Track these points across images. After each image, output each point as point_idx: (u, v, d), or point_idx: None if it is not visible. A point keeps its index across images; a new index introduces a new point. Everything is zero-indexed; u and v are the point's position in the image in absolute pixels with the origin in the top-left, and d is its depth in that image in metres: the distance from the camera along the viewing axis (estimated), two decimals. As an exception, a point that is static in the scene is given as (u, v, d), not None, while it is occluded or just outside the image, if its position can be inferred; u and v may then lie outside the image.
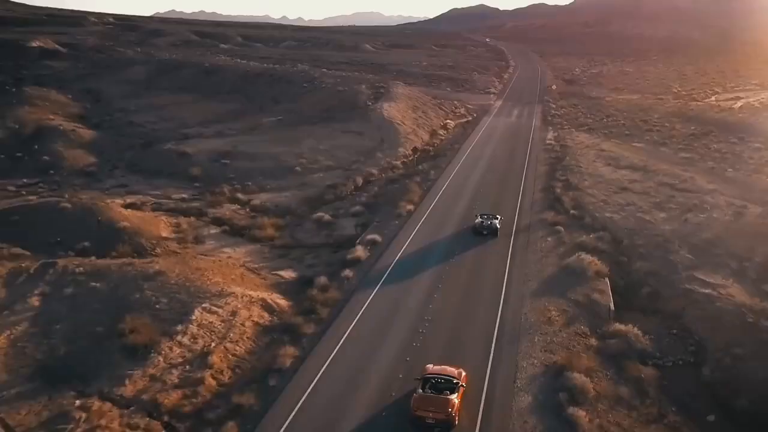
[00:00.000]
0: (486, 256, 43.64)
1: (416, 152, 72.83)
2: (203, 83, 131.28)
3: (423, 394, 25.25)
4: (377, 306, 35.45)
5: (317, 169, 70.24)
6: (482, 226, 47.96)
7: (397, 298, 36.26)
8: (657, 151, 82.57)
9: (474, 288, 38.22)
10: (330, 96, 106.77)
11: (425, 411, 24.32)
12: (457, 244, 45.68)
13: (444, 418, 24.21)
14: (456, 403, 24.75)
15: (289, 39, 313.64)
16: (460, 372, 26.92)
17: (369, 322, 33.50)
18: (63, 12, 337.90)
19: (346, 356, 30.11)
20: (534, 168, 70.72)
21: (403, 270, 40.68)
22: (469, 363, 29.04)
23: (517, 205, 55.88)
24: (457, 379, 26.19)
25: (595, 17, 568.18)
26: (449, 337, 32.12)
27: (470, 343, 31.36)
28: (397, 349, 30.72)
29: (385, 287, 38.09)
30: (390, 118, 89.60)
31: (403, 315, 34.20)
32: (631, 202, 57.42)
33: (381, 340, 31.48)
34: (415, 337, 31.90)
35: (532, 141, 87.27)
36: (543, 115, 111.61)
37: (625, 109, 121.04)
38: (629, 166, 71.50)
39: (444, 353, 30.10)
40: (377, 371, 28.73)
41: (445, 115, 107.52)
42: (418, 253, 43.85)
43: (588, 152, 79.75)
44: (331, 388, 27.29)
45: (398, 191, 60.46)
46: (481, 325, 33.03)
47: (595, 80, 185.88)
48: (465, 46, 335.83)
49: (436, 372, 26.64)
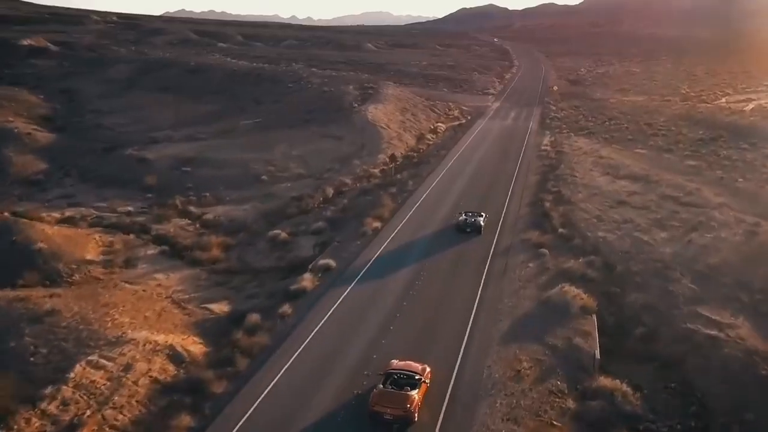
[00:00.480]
0: (454, 288, 37.37)
1: (394, 160, 66.53)
2: (187, 83, 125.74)
3: (383, 389, 24.63)
4: (310, 356, 29.21)
5: (286, 178, 64.16)
6: (465, 223, 46.45)
7: (336, 349, 29.98)
8: (661, 159, 75.91)
9: (431, 334, 31.82)
10: (315, 97, 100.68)
11: (383, 406, 23.76)
12: (425, 272, 39.36)
13: (402, 414, 23.61)
14: (416, 400, 24.16)
15: (290, 38, 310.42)
16: (424, 368, 26.27)
17: (295, 378, 27.22)
18: (69, 11, 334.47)
19: (257, 426, 23.87)
20: (524, 178, 64.26)
21: (351, 307, 34.53)
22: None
23: (499, 223, 49.44)
24: (420, 375, 25.52)
25: (604, 17, 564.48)
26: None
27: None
28: (321, 416, 24.46)
29: (326, 330, 31.87)
30: (374, 121, 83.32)
31: (337, 373, 27.86)
32: (628, 219, 50.92)
33: (304, 407, 25.21)
34: (349, 401, 25.66)
35: (526, 147, 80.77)
36: (541, 118, 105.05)
37: (629, 111, 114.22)
38: (629, 176, 64.94)
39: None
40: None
41: (436, 118, 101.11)
42: (374, 285, 37.58)
43: (585, 160, 73.20)
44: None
45: (369, 205, 54.31)
46: (431, 385, 26.65)
47: (601, 81, 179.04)
48: (469, 46, 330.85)
49: (399, 367, 26.07)
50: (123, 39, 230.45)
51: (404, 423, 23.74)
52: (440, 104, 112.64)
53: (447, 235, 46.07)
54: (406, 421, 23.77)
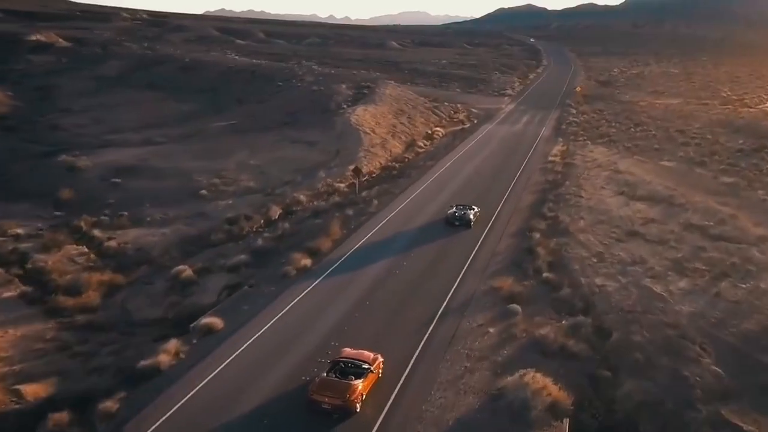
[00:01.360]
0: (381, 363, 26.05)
1: (359, 174, 55.17)
2: (177, 80, 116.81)
3: (324, 377, 23.27)
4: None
5: (230, 193, 53.64)
6: (454, 217, 44.78)
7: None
8: (691, 174, 63.54)
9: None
10: (301, 97, 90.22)
11: (321, 395, 22.27)
12: (346, 338, 28.29)
13: (340, 404, 22.05)
14: (358, 390, 22.60)
15: (312, 36, 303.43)
16: (375, 357, 24.87)
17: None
18: (102, 8, 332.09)
19: None
20: (518, 198, 52.78)
21: (210, 406, 23.48)
22: None
23: (466, 263, 37.96)
24: (368, 365, 24.04)
25: (645, 18, 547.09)
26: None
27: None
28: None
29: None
30: (357, 125, 72.34)
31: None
32: (638, 259, 39.11)
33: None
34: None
35: (531, 157, 69.02)
36: (557, 123, 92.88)
37: (660, 116, 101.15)
38: (648, 197, 52.85)
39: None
40: None
41: (437, 121, 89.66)
42: (265, 362, 26.55)
43: (598, 174, 61.17)
44: None
45: (313, 232, 43.41)
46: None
47: (634, 82, 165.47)
48: (500, 45, 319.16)
49: (349, 356, 24.73)
50: (142, 35, 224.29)
51: (344, 413, 22.20)
52: (446, 106, 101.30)
53: (401, 279, 34.99)
54: (345, 412, 22.24)
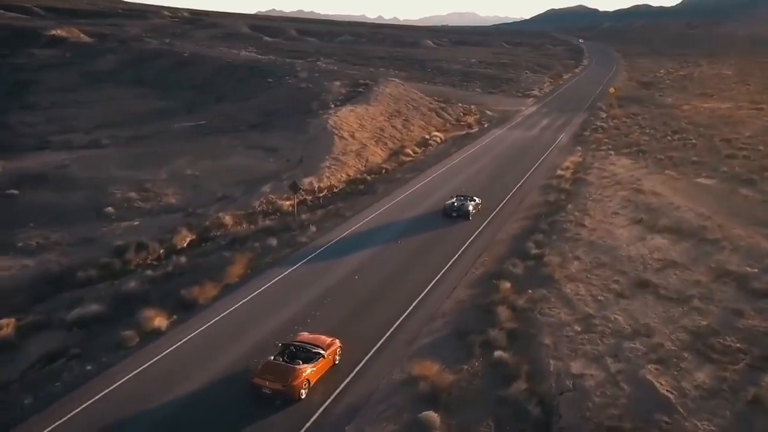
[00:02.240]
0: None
1: (295, 190, 43.89)
2: (170, 76, 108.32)
3: (269, 361, 21.79)
4: None
5: (144, 210, 43.34)
6: (452, 207, 42.68)
7: None
8: (733, 196, 50.45)
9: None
10: (286, 95, 79.77)
11: (263, 379, 20.90)
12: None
13: (281, 389, 20.67)
14: (304, 375, 21.14)
15: (346, 34, 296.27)
16: (331, 342, 23.38)
17: None
18: (148, 7, 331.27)
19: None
20: (499, 227, 40.67)
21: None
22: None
23: (390, 329, 26.40)
24: (322, 349, 22.60)
25: (701, 18, 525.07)
26: None
27: None
28: None
29: None
30: (335, 129, 61.25)
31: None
32: (642, 329, 27.24)
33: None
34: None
35: (535, 171, 57.07)
36: (580, 129, 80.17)
37: (704, 122, 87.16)
38: (674, 228, 40.36)
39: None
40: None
41: (440, 125, 77.95)
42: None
43: (614, 194, 48.66)
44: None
45: (213, 269, 32.29)
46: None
47: (680, 83, 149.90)
48: (542, 45, 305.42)
49: (304, 340, 23.33)
50: (171, 32, 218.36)
51: (286, 400, 20.60)
52: (457, 107, 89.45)
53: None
54: (287, 398, 20.64)
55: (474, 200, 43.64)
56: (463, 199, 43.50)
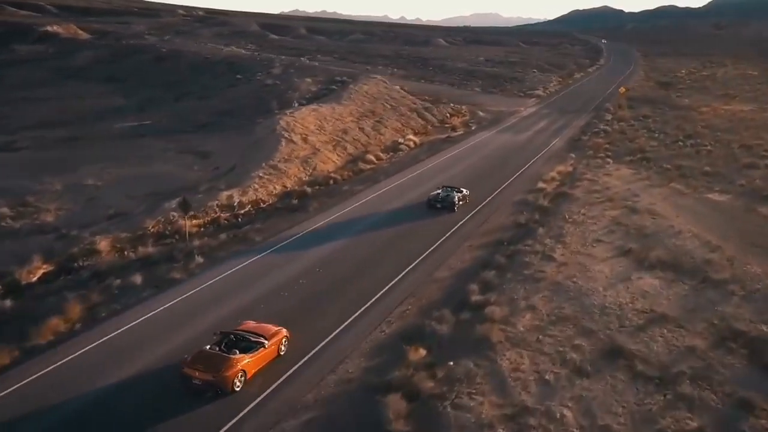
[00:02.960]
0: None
1: (185, 208, 35.17)
2: (144, 72, 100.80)
3: (203, 350, 20.18)
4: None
5: (11, 230, 35.20)
6: (437, 198, 39.80)
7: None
8: (751, 216, 41.08)
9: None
10: (249, 93, 71.79)
11: (193, 369, 19.21)
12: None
13: (211, 379, 18.99)
14: (237, 366, 19.51)
15: (356, 33, 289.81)
16: (276, 332, 21.82)
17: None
18: (159, 5, 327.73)
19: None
20: (445, 259, 31.68)
21: None
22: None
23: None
24: (263, 338, 21.07)
25: (729, 19, 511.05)
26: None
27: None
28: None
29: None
30: (285, 131, 52.76)
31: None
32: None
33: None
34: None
35: (513, 183, 48.37)
36: (580, 132, 70.72)
37: (722, 125, 77.19)
38: (670, 262, 31.43)
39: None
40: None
41: (419, 127, 69.08)
42: None
43: (601, 214, 39.42)
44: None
45: (30, 320, 23.83)
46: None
47: (701, 84, 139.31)
48: (560, 44, 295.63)
49: (248, 328, 21.85)
50: (175, 30, 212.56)
51: (218, 392, 18.98)
52: (445, 107, 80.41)
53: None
54: (219, 389, 18.99)
55: (461, 191, 40.86)
56: (449, 190, 40.61)
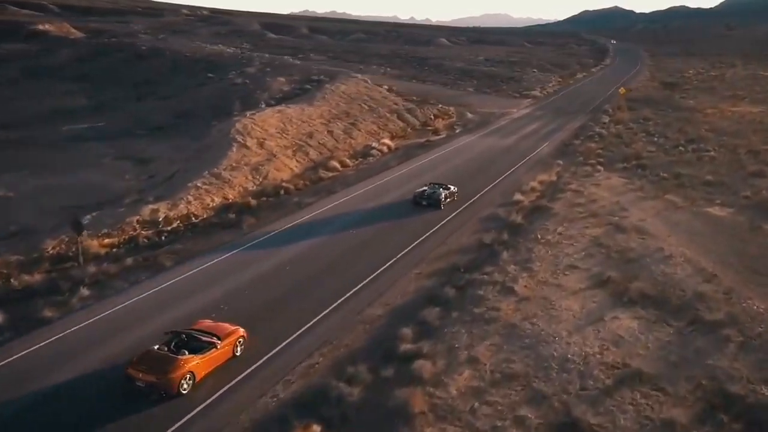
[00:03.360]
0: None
1: (78, 231, 29.97)
2: (119, 71, 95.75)
3: (149, 350, 19.11)
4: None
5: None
6: (422, 196, 38.51)
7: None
8: (756, 236, 35.75)
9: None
10: (215, 93, 66.82)
11: (137, 371, 18.18)
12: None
13: (155, 382, 17.88)
14: (185, 368, 18.34)
15: (358, 32, 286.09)
16: (232, 332, 20.52)
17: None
18: (171, 6, 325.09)
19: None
20: (384, 291, 26.28)
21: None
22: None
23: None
24: (218, 338, 19.80)
25: (740, 19, 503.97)
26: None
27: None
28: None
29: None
30: (239, 135, 47.71)
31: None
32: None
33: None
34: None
35: (488, 194, 42.80)
36: (572, 136, 65.20)
37: (728, 128, 71.49)
38: (654, 298, 26.28)
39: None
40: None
41: (398, 130, 64.08)
42: None
43: (581, 233, 34.18)
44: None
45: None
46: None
47: (708, 84, 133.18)
48: (566, 44, 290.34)
49: (203, 327, 20.66)
50: (173, 29, 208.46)
51: (162, 394, 17.86)
52: (430, 109, 74.97)
53: None
54: (164, 392, 17.88)
55: (449, 188, 39.53)
56: (436, 187, 39.24)
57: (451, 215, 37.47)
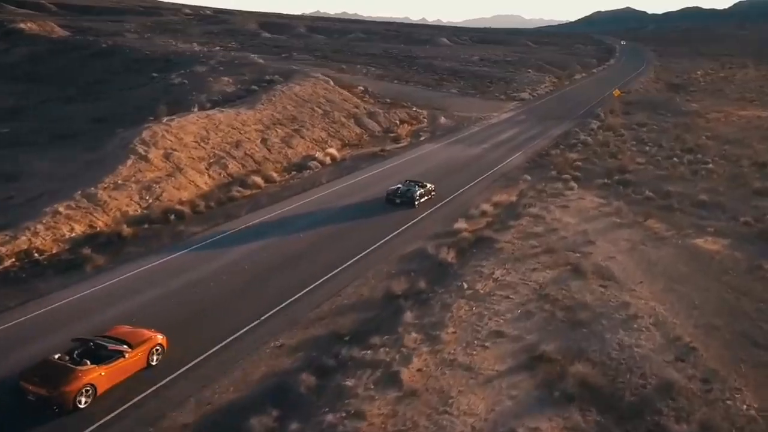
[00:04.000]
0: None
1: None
2: (73, 70, 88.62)
3: (48, 359, 17.40)
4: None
5: None
6: (396, 193, 36.47)
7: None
8: (754, 280, 27.11)
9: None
10: (148, 94, 58.60)
11: (28, 383, 16.57)
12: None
13: (46, 395, 16.25)
14: (85, 379, 16.67)
15: (357, 31, 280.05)
16: (148, 338, 18.77)
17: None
18: (173, 5, 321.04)
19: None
20: (211, 378, 18.38)
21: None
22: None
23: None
24: (128, 346, 18.09)
25: (754, 20, 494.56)
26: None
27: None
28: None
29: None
30: (142, 145, 39.91)
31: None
32: None
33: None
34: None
35: (425, 219, 34.06)
36: (552, 145, 57.03)
37: (732, 135, 63.20)
38: (600, 395, 17.43)
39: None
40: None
41: (353, 137, 56.63)
42: None
43: (524, 279, 26.25)
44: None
45: None
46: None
47: (716, 86, 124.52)
48: (572, 44, 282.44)
49: (112, 333, 19.02)
50: (164, 29, 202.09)
51: (55, 408, 16.12)
52: (396, 114, 66.86)
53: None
54: (56, 407, 16.16)
55: (425, 186, 37.72)
56: (411, 185, 37.37)
57: (366, 251, 29.43)
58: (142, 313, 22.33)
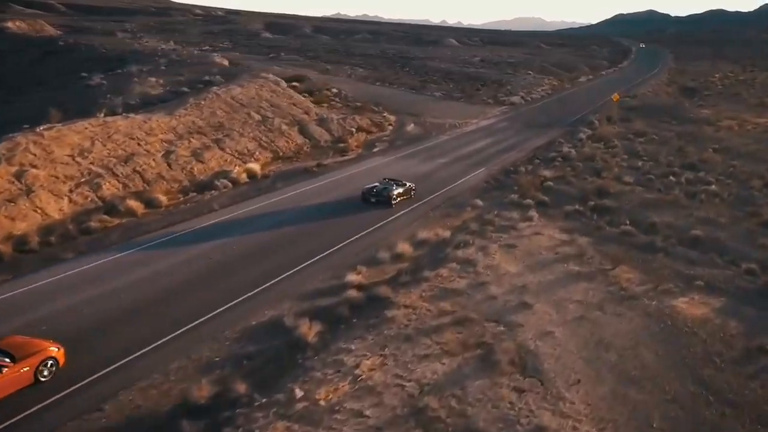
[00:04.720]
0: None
1: None
2: (27, 71, 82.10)
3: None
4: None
5: None
6: (372, 192, 34.63)
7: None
8: (758, 377, 17.47)
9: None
10: (55, 98, 50.26)
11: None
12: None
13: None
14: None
15: (363, 32, 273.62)
16: (39, 351, 16.42)
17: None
18: (186, 6, 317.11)
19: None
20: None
21: None
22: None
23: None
24: (9, 358, 15.93)
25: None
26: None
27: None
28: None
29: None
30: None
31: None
32: None
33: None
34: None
35: (316, 263, 25.17)
36: (526, 159, 47.95)
37: (743, 148, 53.83)
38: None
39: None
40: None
41: (291, 148, 48.14)
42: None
43: (414, 368, 17.54)
44: None
45: None
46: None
47: (733, 90, 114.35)
48: (587, 46, 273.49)
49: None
50: (161, 29, 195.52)
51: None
52: (362, 119, 58.58)
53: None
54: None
55: (405, 185, 35.71)
56: (388, 183, 35.32)
57: (200, 319, 20.66)
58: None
